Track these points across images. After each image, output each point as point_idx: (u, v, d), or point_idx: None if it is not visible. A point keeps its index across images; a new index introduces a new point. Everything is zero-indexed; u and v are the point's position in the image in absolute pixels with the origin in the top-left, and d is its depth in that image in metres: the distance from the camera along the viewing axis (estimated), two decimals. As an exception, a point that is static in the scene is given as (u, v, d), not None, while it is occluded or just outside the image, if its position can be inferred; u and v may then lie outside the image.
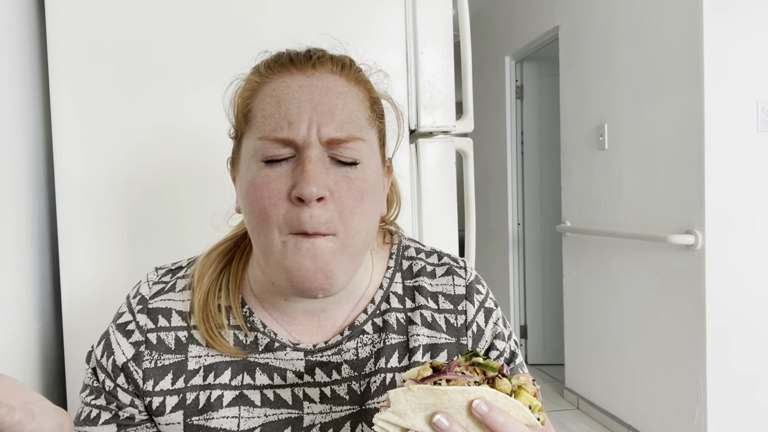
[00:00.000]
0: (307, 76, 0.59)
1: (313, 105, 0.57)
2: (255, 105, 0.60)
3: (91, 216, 1.03)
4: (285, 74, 0.59)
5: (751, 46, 2.15)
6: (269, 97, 0.58)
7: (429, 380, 0.49)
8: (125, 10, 1.04)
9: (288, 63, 0.60)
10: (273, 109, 0.58)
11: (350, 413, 0.65)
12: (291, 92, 0.58)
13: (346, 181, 0.58)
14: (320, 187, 0.55)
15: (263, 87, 0.60)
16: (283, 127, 0.56)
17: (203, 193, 1.05)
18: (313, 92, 0.58)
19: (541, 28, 3.33)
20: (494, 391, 0.48)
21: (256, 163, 0.58)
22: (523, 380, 0.51)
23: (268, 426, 0.63)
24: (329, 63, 0.60)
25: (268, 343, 0.65)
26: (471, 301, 0.70)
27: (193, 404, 0.64)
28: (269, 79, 0.60)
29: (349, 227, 0.57)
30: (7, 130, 0.93)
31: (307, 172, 0.55)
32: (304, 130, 0.56)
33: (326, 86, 0.58)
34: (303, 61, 0.60)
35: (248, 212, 0.59)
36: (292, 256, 0.56)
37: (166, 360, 0.65)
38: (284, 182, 0.56)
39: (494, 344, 0.70)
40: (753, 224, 2.19)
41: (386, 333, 0.67)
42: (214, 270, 0.67)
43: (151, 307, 0.67)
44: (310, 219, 0.55)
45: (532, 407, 0.50)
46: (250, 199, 0.58)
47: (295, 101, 0.57)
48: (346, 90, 0.60)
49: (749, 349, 2.21)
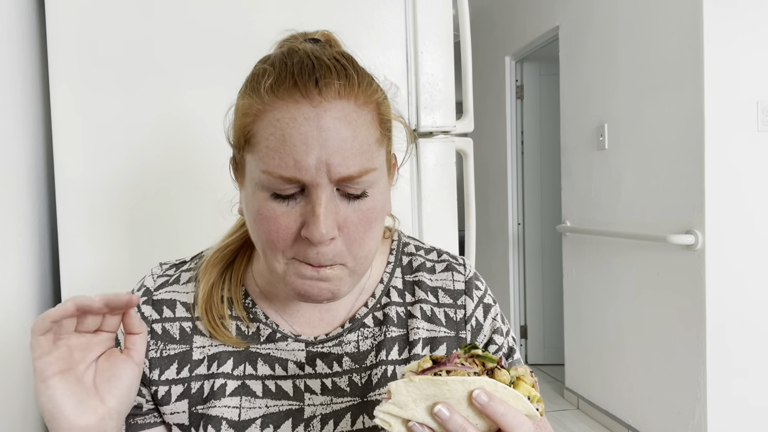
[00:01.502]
0: (313, 106, 0.54)
1: (321, 141, 0.53)
2: (257, 131, 0.56)
3: (91, 215, 1.03)
4: (290, 102, 0.54)
5: (751, 46, 2.15)
6: (273, 127, 0.54)
7: (429, 371, 0.49)
8: (125, 10, 1.04)
9: (292, 88, 0.54)
10: (278, 142, 0.54)
11: (351, 405, 0.65)
12: (297, 126, 0.53)
13: (357, 214, 0.57)
14: (330, 229, 0.55)
15: (266, 114, 0.55)
16: (290, 165, 0.53)
17: (203, 192, 1.05)
18: (321, 126, 0.53)
19: (541, 28, 3.33)
20: (494, 381, 0.48)
21: (260, 192, 0.56)
22: (521, 371, 0.51)
23: (268, 417, 0.64)
24: (336, 84, 0.55)
25: (270, 334, 0.67)
26: (470, 296, 0.71)
27: (197, 393, 0.65)
28: (272, 107, 0.55)
29: (358, 257, 0.58)
30: (7, 130, 0.93)
31: (317, 216, 0.54)
32: (313, 170, 0.53)
33: (334, 117, 0.54)
34: (309, 86, 0.54)
35: (254, 234, 0.60)
36: (295, 278, 0.58)
37: (171, 350, 0.66)
38: (293, 219, 0.56)
39: (493, 339, 0.71)
40: (753, 224, 2.19)
41: (387, 326, 0.68)
42: (222, 266, 0.69)
43: (155, 298, 0.68)
44: (317, 255, 0.56)
45: (530, 398, 0.50)
46: (256, 225, 0.58)
47: (302, 137, 0.53)
48: (356, 116, 0.55)
49: (749, 349, 2.21)
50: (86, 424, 0.53)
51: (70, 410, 0.53)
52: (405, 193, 1.14)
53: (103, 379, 0.56)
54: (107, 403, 0.55)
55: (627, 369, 2.70)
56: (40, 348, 0.52)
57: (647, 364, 2.55)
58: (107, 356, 0.57)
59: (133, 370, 0.57)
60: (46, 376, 0.52)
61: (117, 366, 0.56)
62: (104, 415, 0.55)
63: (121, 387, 0.56)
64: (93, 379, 0.56)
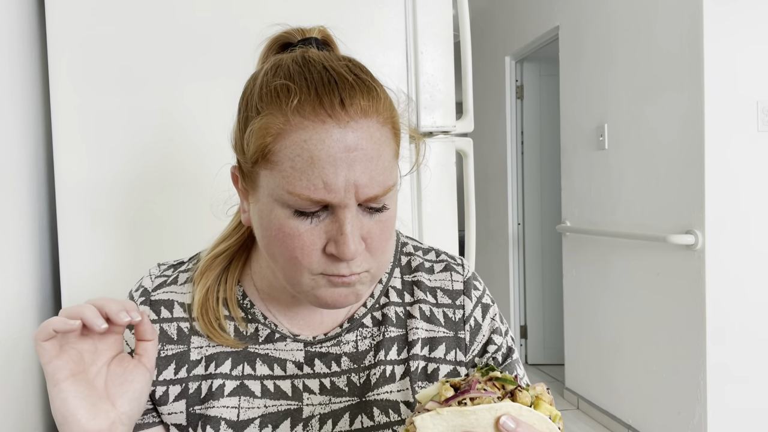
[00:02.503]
0: (341, 127, 0.54)
1: (350, 163, 0.54)
2: (280, 150, 0.55)
3: (91, 216, 1.03)
4: (316, 122, 0.53)
5: (751, 46, 2.15)
6: (300, 148, 0.54)
7: (453, 400, 0.49)
8: (125, 10, 1.04)
9: (318, 107, 0.54)
10: (305, 164, 0.53)
11: (349, 404, 0.65)
12: (325, 148, 0.53)
13: (378, 225, 0.58)
14: (358, 245, 0.56)
15: (290, 133, 0.54)
16: (318, 187, 0.53)
17: (203, 192, 1.05)
18: (348, 146, 0.54)
19: (541, 28, 3.33)
20: (518, 405, 0.49)
21: (281, 209, 0.56)
22: (540, 390, 0.52)
23: (267, 417, 0.64)
24: (362, 103, 0.55)
25: (269, 335, 0.67)
26: (469, 296, 0.71)
27: (195, 393, 0.65)
28: (298, 126, 0.54)
29: (380, 263, 0.60)
30: (7, 130, 0.93)
31: (346, 234, 0.55)
32: (342, 192, 0.54)
33: (360, 137, 0.54)
34: (335, 105, 0.54)
35: (275, 251, 0.59)
36: (325, 289, 0.59)
37: (169, 350, 0.66)
38: (317, 236, 0.56)
39: (492, 339, 0.71)
40: (753, 224, 2.19)
41: (385, 326, 0.68)
42: (217, 269, 0.68)
43: (153, 298, 0.68)
44: (348, 267, 0.57)
45: (552, 417, 0.50)
46: (277, 242, 0.57)
47: (330, 159, 0.53)
48: (379, 135, 0.56)
49: (749, 349, 2.21)
50: (98, 428, 0.54)
51: (82, 413, 0.54)
52: (405, 193, 1.14)
53: (115, 383, 0.57)
54: (119, 407, 0.56)
55: (627, 369, 2.70)
56: (47, 353, 0.53)
57: (647, 364, 2.55)
58: (119, 361, 0.58)
59: (144, 376, 0.58)
60: (58, 380, 0.53)
61: (129, 371, 0.57)
62: (115, 420, 0.56)
63: (133, 392, 0.57)
64: (105, 383, 0.56)
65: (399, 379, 0.66)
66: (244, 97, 0.61)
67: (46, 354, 0.53)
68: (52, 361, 0.53)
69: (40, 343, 0.53)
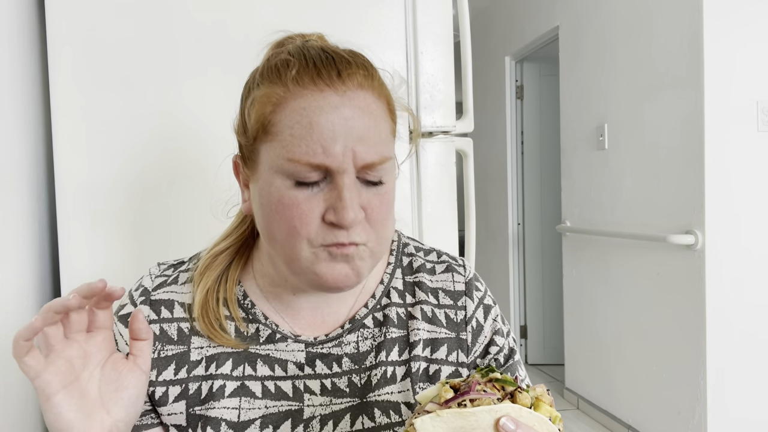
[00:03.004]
0: (339, 95, 0.56)
1: (348, 129, 0.55)
2: (280, 120, 0.57)
3: (91, 216, 1.03)
4: (315, 90, 0.56)
5: (751, 46, 2.15)
6: (299, 115, 0.56)
7: (453, 401, 0.49)
8: (125, 10, 1.04)
9: (316, 77, 0.56)
10: (304, 131, 0.55)
11: (350, 405, 0.65)
12: (324, 114, 0.55)
13: (377, 198, 0.59)
14: (357, 212, 0.56)
15: (289, 102, 0.56)
16: (317, 152, 0.55)
17: (204, 192, 1.05)
18: (346, 115, 0.56)
19: (541, 28, 3.33)
20: (518, 406, 0.49)
21: (282, 180, 0.57)
22: (540, 391, 0.52)
23: (268, 418, 0.64)
24: (358, 75, 0.58)
25: (270, 335, 0.66)
26: (470, 297, 0.71)
27: (195, 394, 0.64)
28: (297, 95, 0.56)
29: (380, 237, 0.60)
30: (7, 130, 0.93)
31: (345, 200, 0.55)
32: (340, 156, 0.55)
33: (358, 106, 0.56)
34: (332, 76, 0.56)
35: (273, 225, 0.59)
36: (325, 263, 0.58)
37: (169, 351, 0.66)
38: (316, 204, 0.57)
39: (494, 340, 0.71)
40: (753, 224, 2.19)
41: (387, 327, 0.68)
42: (218, 269, 0.68)
43: (153, 298, 0.68)
44: (348, 235, 0.57)
45: (552, 418, 0.50)
46: (276, 215, 0.58)
47: (329, 124, 0.55)
48: (375, 107, 0.58)
49: (749, 349, 2.21)
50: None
51: (77, 426, 0.52)
52: (405, 193, 1.14)
53: (109, 389, 0.55)
54: (114, 414, 0.55)
55: (627, 369, 2.70)
56: (32, 369, 0.51)
57: (647, 364, 2.55)
58: (113, 364, 0.56)
59: (139, 379, 0.56)
60: (49, 395, 0.51)
61: (123, 375, 0.56)
62: (111, 427, 0.55)
63: (128, 397, 0.55)
64: (99, 389, 0.55)
65: (400, 380, 0.66)
66: (246, 84, 0.63)
67: (32, 370, 0.51)
68: (39, 375, 0.51)
69: (22, 360, 0.50)
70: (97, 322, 0.55)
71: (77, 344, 0.54)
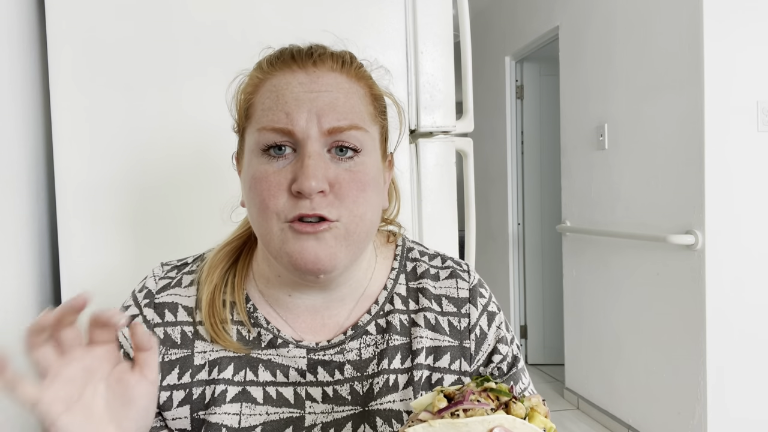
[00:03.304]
0: (307, 74, 0.60)
1: (313, 98, 0.58)
2: (256, 100, 0.61)
3: (91, 216, 1.03)
4: (286, 71, 0.60)
5: (751, 46, 2.15)
6: (269, 92, 0.60)
7: (446, 411, 0.49)
8: (125, 10, 1.03)
9: (290, 60, 0.61)
10: (272, 102, 0.59)
11: (352, 414, 0.64)
12: (291, 87, 0.59)
13: (348, 174, 0.59)
14: (319, 181, 0.56)
15: (264, 83, 0.61)
16: (281, 118, 0.58)
17: (204, 191, 1.05)
18: (313, 88, 0.59)
19: (541, 28, 3.33)
20: (512, 417, 0.48)
21: (257, 157, 0.60)
22: (535, 402, 0.51)
23: (269, 425, 0.63)
24: (330, 60, 0.61)
25: (271, 340, 0.66)
26: (474, 304, 0.70)
27: (199, 399, 0.64)
28: (271, 75, 0.61)
29: (353, 214, 0.59)
30: (7, 130, 0.93)
31: (306, 167, 0.56)
32: (303, 122, 0.57)
33: (327, 83, 0.60)
34: (304, 58, 0.60)
35: (250, 204, 0.61)
36: (293, 242, 0.57)
37: (173, 355, 0.65)
38: (284, 176, 0.58)
39: (497, 348, 0.70)
40: (753, 224, 2.19)
41: (389, 334, 0.67)
42: (223, 267, 0.68)
43: (157, 301, 0.67)
44: (311, 205, 0.57)
45: (546, 430, 0.50)
46: (251, 192, 0.60)
47: (294, 94, 0.58)
48: (347, 86, 0.61)
49: (749, 349, 2.21)
50: None
51: None
52: (405, 193, 1.14)
53: (117, 404, 0.52)
54: (125, 429, 0.52)
55: (627, 369, 2.70)
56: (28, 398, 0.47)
57: (647, 364, 2.55)
58: (118, 377, 0.52)
59: (148, 391, 0.53)
60: (52, 420, 0.48)
61: (130, 388, 0.52)
62: None
63: (138, 410, 0.52)
64: (105, 405, 0.51)
65: (402, 389, 0.65)
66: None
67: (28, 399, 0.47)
68: (38, 402, 0.47)
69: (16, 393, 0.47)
70: (97, 338, 0.52)
71: (76, 361, 0.50)
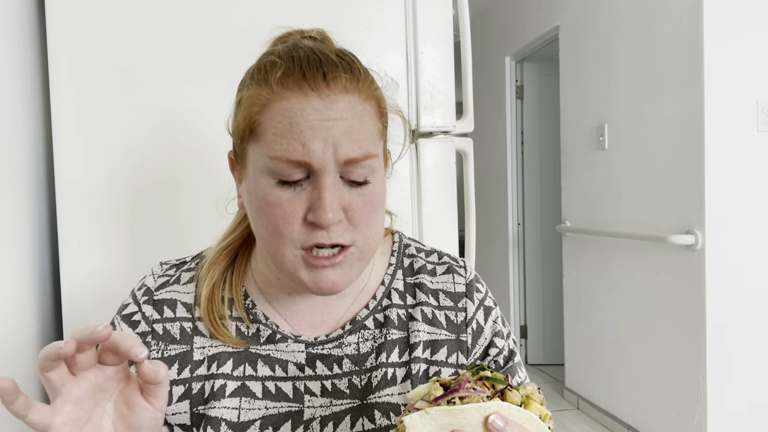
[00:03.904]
0: (321, 99, 0.56)
1: (328, 128, 0.56)
2: (264, 121, 0.57)
3: (91, 215, 1.03)
4: (299, 93, 0.56)
5: (751, 46, 2.15)
6: (281, 116, 0.56)
7: (442, 399, 0.49)
8: (126, 10, 1.04)
9: (301, 80, 0.56)
10: (285, 128, 0.56)
11: (351, 407, 0.65)
12: (305, 114, 0.56)
13: (360, 198, 0.59)
14: (336, 212, 0.56)
15: (274, 104, 0.57)
16: (297, 149, 0.55)
17: (203, 191, 1.05)
18: (328, 115, 0.56)
19: (541, 28, 3.33)
20: (508, 404, 0.48)
21: (266, 179, 0.58)
22: (530, 390, 0.51)
23: (268, 419, 0.64)
24: (343, 78, 0.57)
25: (270, 335, 0.66)
26: (471, 298, 0.71)
27: (198, 394, 0.65)
28: (281, 97, 0.57)
29: (366, 236, 0.60)
30: (7, 129, 0.93)
31: (324, 199, 0.56)
32: (320, 153, 0.55)
33: (341, 109, 0.57)
34: (317, 79, 0.56)
35: (259, 224, 0.60)
36: (308, 270, 0.59)
37: (172, 350, 0.66)
38: (299, 204, 0.57)
39: (494, 341, 0.70)
40: (753, 224, 2.19)
41: (387, 328, 0.68)
42: (223, 264, 0.68)
43: (156, 298, 0.68)
44: (328, 235, 0.57)
45: (542, 416, 0.50)
46: (261, 214, 0.58)
47: (310, 123, 0.55)
48: (360, 109, 0.58)
49: (749, 349, 2.21)
50: None
51: None
52: (405, 193, 1.14)
53: (123, 426, 0.53)
54: None
55: (627, 369, 2.70)
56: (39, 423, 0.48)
57: (647, 364, 2.55)
58: (126, 399, 0.53)
59: (154, 416, 0.54)
60: None
61: (136, 414, 0.53)
62: None
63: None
64: (113, 424, 0.53)
65: (400, 382, 0.66)
66: (240, 83, 0.63)
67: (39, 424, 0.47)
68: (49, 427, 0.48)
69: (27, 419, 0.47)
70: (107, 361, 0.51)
71: (86, 381, 0.51)
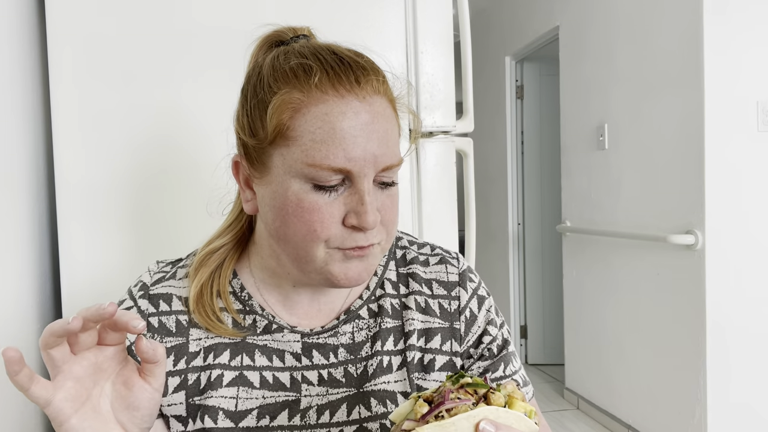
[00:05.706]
0: (359, 101, 0.57)
1: (367, 134, 0.57)
2: (299, 125, 0.57)
3: (91, 215, 1.03)
4: (336, 96, 0.57)
5: (751, 46, 2.15)
6: (321, 121, 0.56)
7: (430, 415, 0.49)
8: (125, 9, 1.04)
9: (337, 83, 0.57)
10: (326, 135, 0.56)
11: (347, 395, 0.66)
12: (347, 120, 0.56)
13: (389, 199, 0.62)
14: (376, 216, 0.59)
15: (310, 107, 0.57)
16: (339, 156, 0.56)
17: (202, 189, 1.05)
18: (366, 119, 0.57)
19: (541, 28, 3.33)
20: (495, 408, 0.49)
21: (300, 184, 0.58)
22: (511, 389, 0.52)
23: (265, 408, 0.65)
24: (374, 81, 0.59)
25: (266, 326, 0.67)
26: (464, 287, 0.72)
27: (194, 385, 0.65)
28: (318, 100, 0.57)
29: (390, 234, 0.63)
30: (7, 129, 0.93)
31: (366, 204, 0.58)
32: (361, 161, 0.57)
33: (376, 112, 0.58)
34: (352, 82, 0.58)
35: (287, 227, 0.60)
36: (339, 264, 0.60)
37: (168, 343, 0.66)
38: (337, 208, 0.58)
39: (487, 330, 0.71)
40: (753, 224, 2.19)
41: (381, 317, 0.69)
42: (212, 266, 0.68)
43: (152, 293, 0.69)
44: (366, 237, 0.60)
45: (527, 413, 0.51)
46: (294, 218, 0.59)
47: (351, 129, 0.56)
48: (389, 113, 0.61)
49: (749, 349, 2.21)
50: None
51: None
52: (405, 193, 1.14)
53: (121, 407, 0.53)
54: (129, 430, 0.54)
55: (627, 369, 2.70)
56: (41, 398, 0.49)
57: (647, 364, 2.55)
58: (124, 380, 0.54)
59: (151, 398, 0.54)
60: (62, 421, 0.50)
61: (134, 394, 0.53)
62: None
63: (141, 417, 0.54)
64: (110, 405, 0.53)
65: (396, 370, 0.67)
66: (251, 83, 0.62)
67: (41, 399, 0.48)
68: (50, 403, 0.49)
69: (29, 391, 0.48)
70: (107, 340, 0.52)
71: (86, 360, 0.51)
